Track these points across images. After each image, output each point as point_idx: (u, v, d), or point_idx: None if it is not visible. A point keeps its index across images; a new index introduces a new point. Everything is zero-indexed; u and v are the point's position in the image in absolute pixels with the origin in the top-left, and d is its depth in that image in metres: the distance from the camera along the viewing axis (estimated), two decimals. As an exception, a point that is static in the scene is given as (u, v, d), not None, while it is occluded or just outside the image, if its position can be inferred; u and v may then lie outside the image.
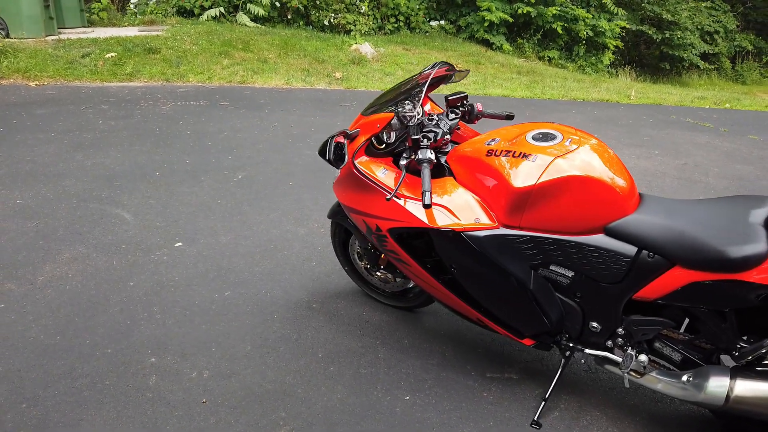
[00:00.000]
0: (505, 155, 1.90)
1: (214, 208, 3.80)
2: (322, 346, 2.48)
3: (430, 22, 12.56)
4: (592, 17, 12.57)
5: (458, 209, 1.96)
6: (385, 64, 9.63)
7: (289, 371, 2.31)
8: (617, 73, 14.07)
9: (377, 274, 2.68)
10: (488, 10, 11.78)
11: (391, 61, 9.79)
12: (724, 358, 1.89)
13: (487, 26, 11.98)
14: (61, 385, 2.16)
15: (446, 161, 2.11)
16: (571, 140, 1.88)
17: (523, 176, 1.82)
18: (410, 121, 2.00)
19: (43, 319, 2.55)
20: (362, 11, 11.35)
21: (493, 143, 1.98)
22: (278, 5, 10.87)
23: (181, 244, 3.29)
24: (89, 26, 9.70)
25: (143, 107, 6.26)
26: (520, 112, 5.64)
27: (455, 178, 2.04)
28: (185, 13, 10.73)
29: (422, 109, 2.12)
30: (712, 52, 16.94)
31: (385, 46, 10.53)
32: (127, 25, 10.18)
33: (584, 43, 13.07)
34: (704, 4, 16.84)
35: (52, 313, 2.60)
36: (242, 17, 10.44)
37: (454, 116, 2.21)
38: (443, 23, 12.60)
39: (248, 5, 10.54)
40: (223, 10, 10.47)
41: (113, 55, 7.93)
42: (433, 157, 1.90)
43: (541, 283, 1.97)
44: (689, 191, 4.71)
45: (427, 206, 1.77)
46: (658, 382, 1.90)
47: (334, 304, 2.79)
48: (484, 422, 2.08)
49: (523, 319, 2.03)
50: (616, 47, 13.60)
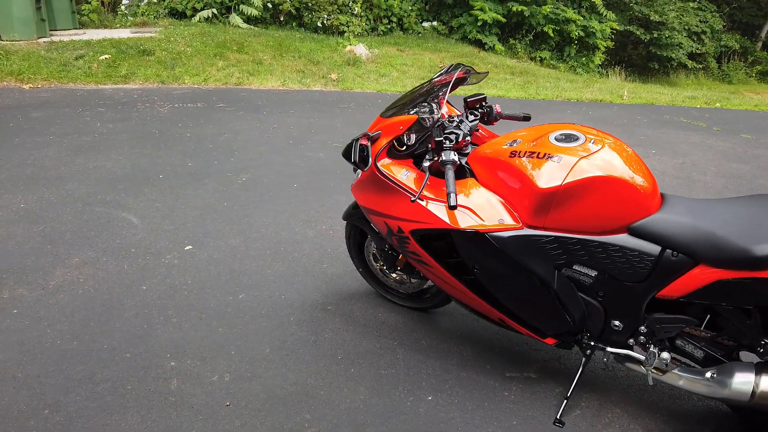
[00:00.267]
0: (528, 156, 1.91)
1: (220, 210, 3.79)
2: (340, 347, 2.48)
3: (422, 23, 12.58)
4: (582, 19, 12.67)
5: (481, 210, 1.98)
6: (379, 65, 9.63)
7: (310, 373, 2.31)
8: (607, 73, 14.21)
9: (393, 275, 2.69)
10: (481, 10, 11.83)
11: (385, 62, 9.80)
12: (743, 354, 1.93)
13: (480, 26, 12.03)
14: (82, 390, 2.15)
15: (466, 162, 2.12)
16: (594, 141, 1.90)
17: (548, 177, 1.84)
18: (434, 123, 2.02)
19: (57, 324, 2.54)
20: (355, 12, 11.35)
21: (515, 144, 2.00)
22: (270, 6, 10.85)
23: (191, 247, 3.27)
24: (81, 28, 9.59)
25: (140, 110, 6.22)
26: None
27: (477, 179, 2.06)
28: (177, 14, 10.66)
29: (442, 111, 2.13)
30: (699, 51, 17.16)
31: (379, 47, 10.54)
32: (118, 26, 10.08)
33: (576, 43, 13.18)
34: (691, 4, 17.05)
35: (66, 317, 2.58)
36: (235, 19, 10.40)
37: (473, 118, 2.22)
38: (436, 24, 12.63)
39: (241, 6, 10.50)
40: (215, 11, 10.43)
41: (107, 57, 7.86)
42: (456, 158, 1.92)
43: (564, 282, 1.99)
44: (690, 190, 4.77)
45: (453, 207, 1.78)
46: (680, 378, 1.93)
47: (349, 305, 2.80)
48: (507, 421, 2.10)
49: (546, 318, 2.05)
50: (606, 47, 13.72)
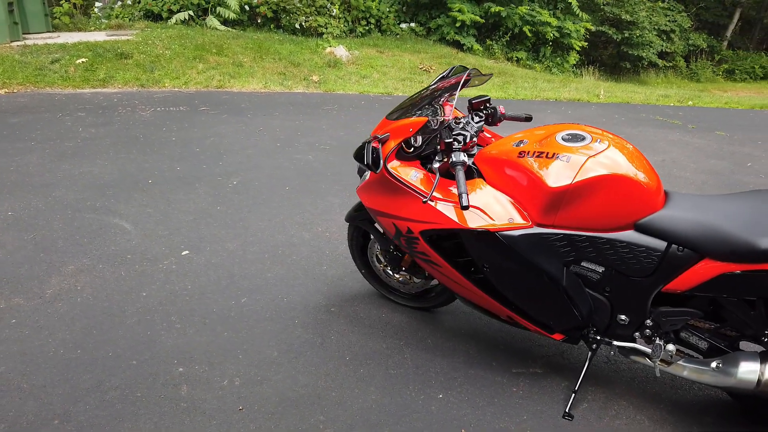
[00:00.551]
0: (537, 156, 1.96)
1: (214, 214, 3.76)
2: (348, 348, 2.50)
3: (400, 24, 12.63)
4: (557, 20, 12.88)
5: (491, 210, 2.01)
6: (360, 66, 9.65)
7: (319, 375, 2.32)
8: (581, 73, 14.46)
9: (396, 276, 2.71)
10: (459, 11, 11.93)
11: (366, 63, 9.82)
12: (743, 344, 2.00)
13: (458, 27, 12.13)
14: (91, 399, 2.12)
15: (473, 163, 2.16)
16: (600, 140, 1.95)
17: (558, 176, 1.89)
18: (442, 125, 2.05)
19: (59, 332, 2.50)
20: (333, 14, 11.34)
21: (522, 145, 2.04)
22: (248, 9, 10.78)
23: (187, 252, 3.25)
24: (54, 31, 9.39)
25: (122, 114, 6.13)
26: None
27: (485, 179, 2.09)
28: (153, 17, 10.52)
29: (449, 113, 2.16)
30: (668, 51, 17.59)
31: (358, 48, 10.56)
32: (93, 29, 9.91)
33: (551, 44, 13.39)
34: (660, 4, 17.46)
35: (67, 326, 2.54)
36: (212, 21, 10.30)
37: (479, 119, 2.26)
38: (413, 26, 12.70)
39: (218, 8, 10.41)
40: (192, 13, 10.31)
41: (84, 60, 7.73)
42: (466, 159, 1.95)
43: (572, 279, 2.04)
44: (672, 186, 4.89)
45: (465, 208, 1.81)
46: (685, 369, 1.99)
47: (352, 307, 2.81)
48: (518, 416, 2.14)
49: (554, 314, 2.10)
50: (581, 47, 13.96)
